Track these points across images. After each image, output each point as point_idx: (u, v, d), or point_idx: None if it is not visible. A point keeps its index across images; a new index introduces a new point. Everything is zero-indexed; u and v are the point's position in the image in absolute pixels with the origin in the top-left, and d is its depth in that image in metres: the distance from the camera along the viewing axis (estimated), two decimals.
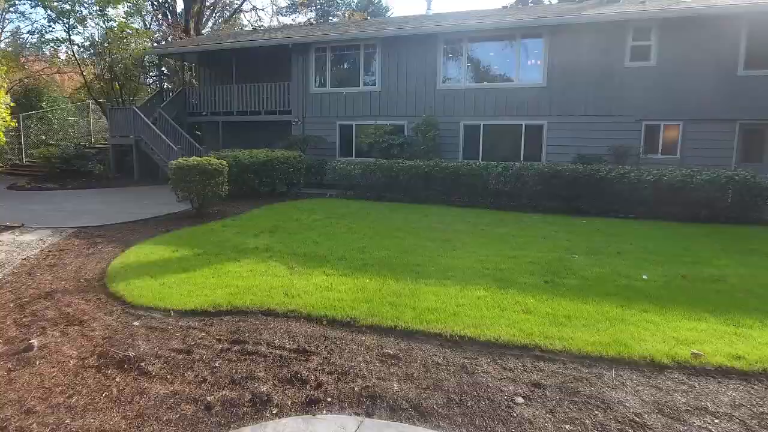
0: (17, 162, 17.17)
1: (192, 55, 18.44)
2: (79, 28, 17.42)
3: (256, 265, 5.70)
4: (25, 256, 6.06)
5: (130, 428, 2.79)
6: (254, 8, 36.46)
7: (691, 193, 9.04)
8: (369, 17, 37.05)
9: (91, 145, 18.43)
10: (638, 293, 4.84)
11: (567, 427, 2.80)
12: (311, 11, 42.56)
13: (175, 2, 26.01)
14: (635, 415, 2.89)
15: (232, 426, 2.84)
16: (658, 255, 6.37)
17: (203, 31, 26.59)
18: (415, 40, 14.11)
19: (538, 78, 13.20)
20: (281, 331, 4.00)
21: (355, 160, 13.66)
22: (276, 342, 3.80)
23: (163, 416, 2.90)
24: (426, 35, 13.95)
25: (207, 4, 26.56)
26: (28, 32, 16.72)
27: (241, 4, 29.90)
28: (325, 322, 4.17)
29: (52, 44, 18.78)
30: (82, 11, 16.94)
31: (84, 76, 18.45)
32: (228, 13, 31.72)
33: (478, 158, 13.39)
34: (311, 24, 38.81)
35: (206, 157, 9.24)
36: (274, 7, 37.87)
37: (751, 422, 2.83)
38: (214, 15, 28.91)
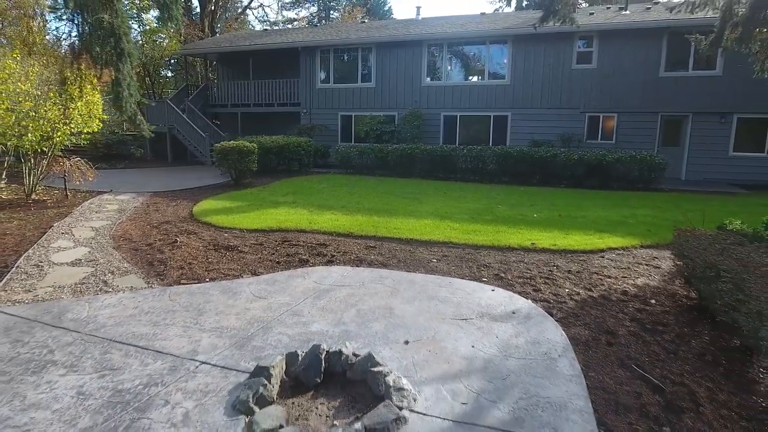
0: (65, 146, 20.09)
1: (213, 54, 21.29)
2: None
3: (287, 209, 8.73)
4: (134, 206, 9.09)
5: (241, 269, 5.81)
6: (261, 5, 38.92)
7: (605, 169, 12.01)
8: (368, 10, 39.55)
9: (124, 133, 21.36)
10: (525, 222, 7.86)
11: (443, 265, 5.82)
12: (313, 5, 44.97)
13: (191, 2, 28.70)
14: (486, 264, 5.92)
15: (291, 268, 5.86)
16: (557, 207, 9.38)
17: (216, 28, 29.27)
18: (404, 44, 16.96)
19: (503, 77, 16.10)
20: (309, 237, 7.04)
21: (354, 144, 16.62)
22: (308, 241, 6.83)
23: (257, 264, 5.93)
24: (413, 41, 16.80)
25: (219, 3, 29.18)
26: (76, 35, 19.37)
27: (250, 2, 32.47)
28: (334, 234, 7.20)
29: None
30: None
31: None
32: (236, 10, 34.32)
33: (456, 143, 16.33)
34: (313, 19, 41.31)
35: (240, 141, 12.20)
36: (280, 3, 40.33)
37: (541, 265, 5.86)
38: (226, 14, 31.51)
